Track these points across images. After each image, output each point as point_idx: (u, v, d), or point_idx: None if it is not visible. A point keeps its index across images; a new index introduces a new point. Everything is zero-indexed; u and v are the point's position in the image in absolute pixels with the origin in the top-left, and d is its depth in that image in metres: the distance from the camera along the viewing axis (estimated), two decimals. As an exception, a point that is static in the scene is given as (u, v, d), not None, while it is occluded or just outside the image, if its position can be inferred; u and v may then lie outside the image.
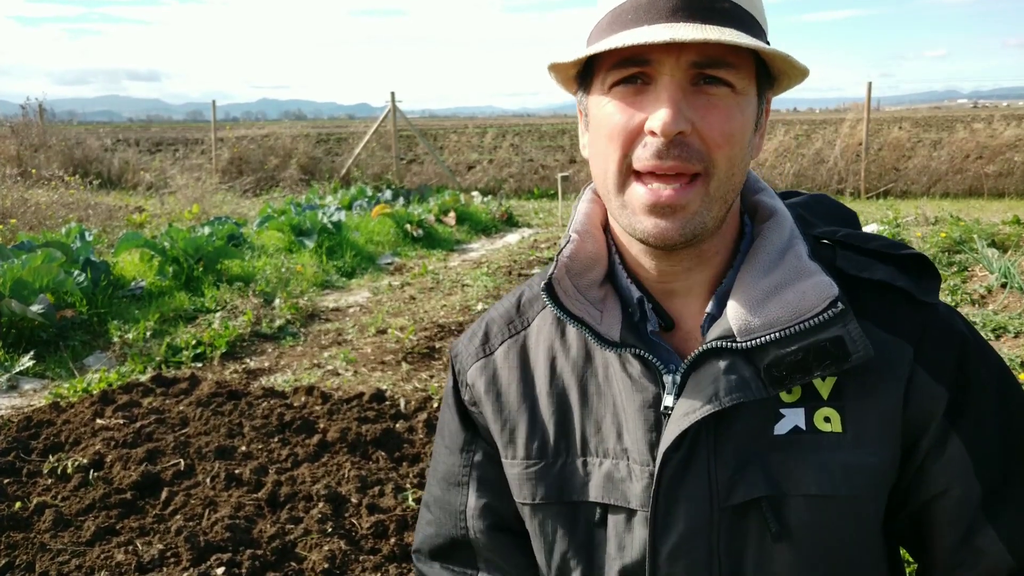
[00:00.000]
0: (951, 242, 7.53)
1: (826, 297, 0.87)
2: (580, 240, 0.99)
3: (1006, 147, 15.19)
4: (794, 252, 0.92)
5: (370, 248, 9.26)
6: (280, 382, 4.73)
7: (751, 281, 0.91)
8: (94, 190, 13.97)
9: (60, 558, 2.67)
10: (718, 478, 0.90)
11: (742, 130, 0.87)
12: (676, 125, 0.83)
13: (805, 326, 0.86)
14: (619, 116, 0.87)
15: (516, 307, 1.09)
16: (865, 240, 0.96)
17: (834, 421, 0.89)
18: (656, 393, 0.93)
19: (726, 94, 0.85)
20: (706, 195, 0.86)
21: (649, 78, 0.85)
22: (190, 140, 21.44)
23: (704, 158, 0.85)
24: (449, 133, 20.86)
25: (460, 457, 1.09)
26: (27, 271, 5.63)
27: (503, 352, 1.06)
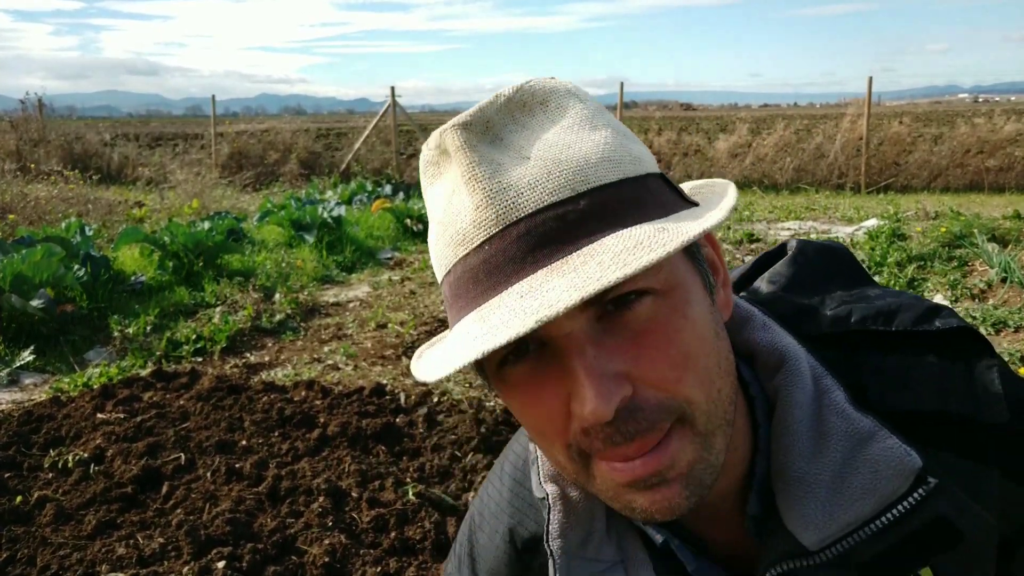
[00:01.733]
0: (951, 237, 7.53)
1: (908, 472, 0.67)
2: (561, 494, 0.77)
3: (1007, 142, 15.17)
4: (833, 409, 0.70)
5: (370, 243, 9.26)
6: (280, 376, 4.74)
7: (798, 469, 0.70)
8: (94, 185, 13.96)
9: (61, 552, 2.67)
10: None
11: (695, 336, 0.63)
12: (609, 403, 0.59)
13: (895, 515, 0.67)
14: (532, 409, 0.64)
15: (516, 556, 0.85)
16: (887, 319, 0.74)
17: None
18: None
19: (650, 307, 0.61)
20: (695, 436, 0.64)
21: (539, 341, 0.62)
22: (190, 135, 21.41)
23: (669, 407, 0.62)
24: (449, 128, 20.80)
25: None
26: (27, 266, 5.62)
27: None
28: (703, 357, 0.63)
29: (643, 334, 0.61)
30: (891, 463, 0.67)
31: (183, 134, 22.07)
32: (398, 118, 17.29)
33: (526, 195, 0.60)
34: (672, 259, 0.63)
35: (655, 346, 0.61)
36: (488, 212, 0.61)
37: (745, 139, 17.08)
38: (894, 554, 0.68)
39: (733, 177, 16.28)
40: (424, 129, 19.01)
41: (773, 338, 0.75)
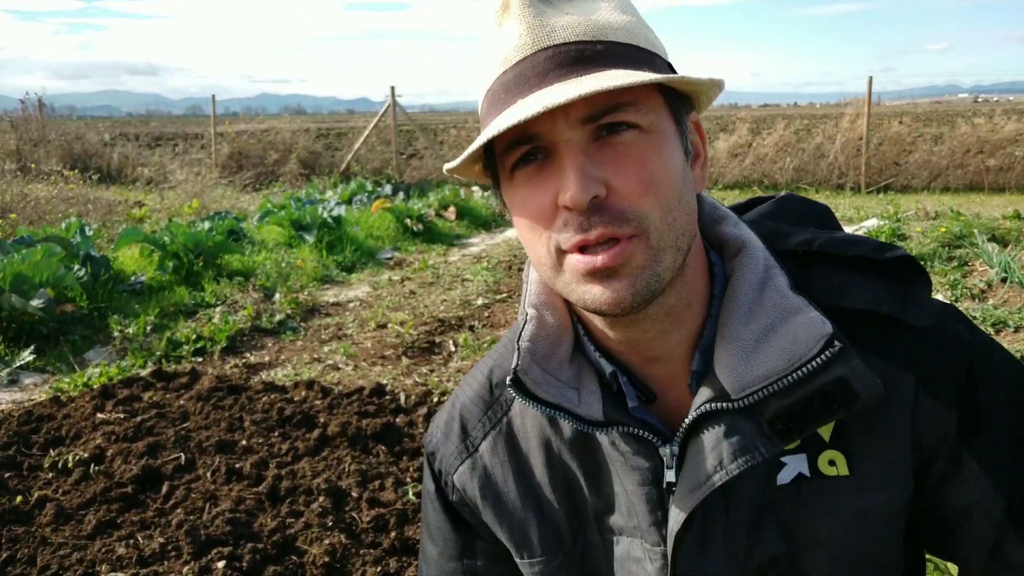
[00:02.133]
0: (951, 236, 7.53)
1: (820, 337, 0.79)
2: (538, 316, 0.90)
3: (1007, 142, 15.17)
4: (774, 287, 0.84)
5: (370, 243, 9.26)
6: (280, 376, 4.74)
7: (735, 329, 0.83)
8: (93, 185, 13.96)
9: (61, 552, 2.67)
10: (735, 546, 0.85)
11: (664, 170, 0.77)
12: (586, 193, 0.74)
13: (804, 372, 0.78)
14: (530, 200, 0.79)
15: (489, 390, 0.99)
16: (844, 246, 0.87)
17: (840, 464, 0.84)
18: (655, 467, 0.87)
19: (634, 138, 0.76)
20: (648, 247, 0.77)
21: (546, 150, 0.77)
22: (190, 135, 21.41)
23: (632, 215, 0.76)
24: (449, 128, 20.83)
25: (460, 564, 1.01)
26: (27, 266, 5.63)
27: (488, 446, 0.97)
28: (666, 188, 0.77)
29: (624, 156, 0.76)
30: (808, 330, 0.80)
31: (183, 134, 22.07)
32: (398, 118, 17.29)
33: (558, 32, 0.77)
34: (659, 112, 0.79)
35: (630, 166, 0.76)
36: (527, 39, 0.78)
37: (745, 139, 17.08)
38: (800, 409, 0.79)
39: (733, 177, 16.29)
40: (424, 129, 19.01)
41: (740, 233, 0.89)
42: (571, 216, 0.76)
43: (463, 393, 1.01)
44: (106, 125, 22.61)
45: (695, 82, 0.79)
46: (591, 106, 0.75)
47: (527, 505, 0.94)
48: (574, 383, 0.88)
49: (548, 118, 0.75)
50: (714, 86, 0.82)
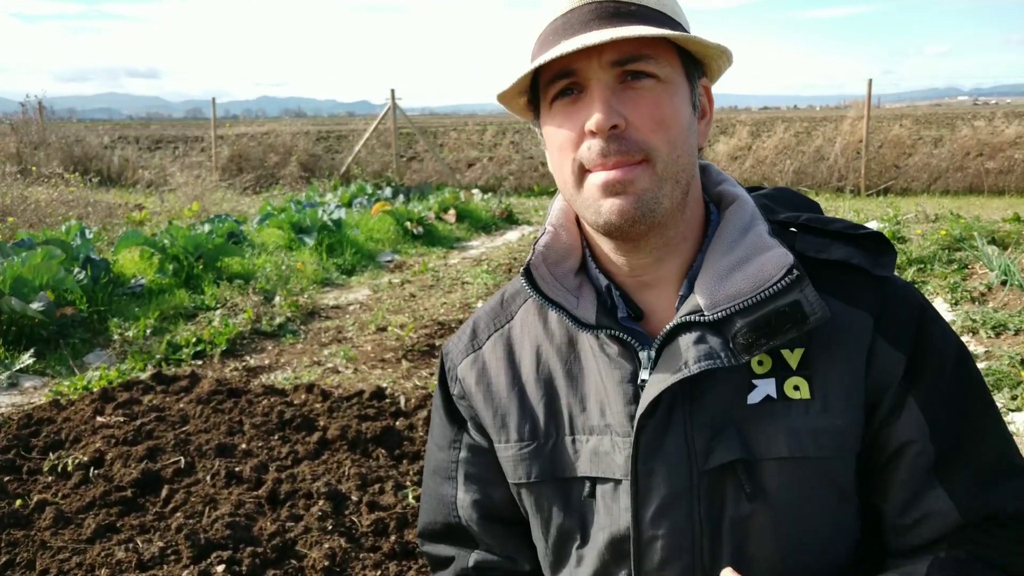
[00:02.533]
0: (951, 239, 7.53)
1: (783, 266, 0.94)
2: (555, 232, 1.07)
3: (1007, 144, 15.17)
4: (755, 231, 0.99)
5: (370, 246, 9.26)
6: (280, 380, 4.73)
7: (715, 259, 0.98)
8: (94, 188, 13.97)
9: (60, 556, 2.67)
10: (695, 444, 0.96)
11: (674, 114, 0.94)
12: (608, 120, 0.90)
13: (766, 294, 0.93)
14: (563, 126, 0.95)
15: (500, 303, 1.16)
16: (826, 223, 1.02)
17: (803, 389, 0.96)
18: (633, 369, 1.00)
19: (652, 85, 0.93)
20: (653, 174, 0.93)
21: (581, 87, 0.94)
22: (190, 138, 21.42)
23: (644, 146, 0.92)
24: (449, 130, 20.84)
25: (448, 452, 1.15)
26: (27, 269, 5.63)
27: (490, 345, 1.13)
28: (674, 129, 0.94)
29: (641, 98, 0.93)
30: (774, 261, 0.95)
31: (183, 137, 22.08)
32: (398, 121, 17.30)
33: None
34: (674, 68, 0.95)
35: (646, 107, 0.92)
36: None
37: (745, 141, 17.09)
38: (760, 326, 0.93)
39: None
40: (424, 132, 19.02)
41: (736, 191, 1.06)
42: (594, 142, 0.92)
43: (481, 309, 1.18)
44: (106, 128, 22.63)
45: (703, 43, 0.94)
46: (619, 52, 0.91)
47: (511, 396, 1.09)
48: (575, 292, 1.04)
49: (584, 58, 0.91)
50: (722, 54, 0.98)
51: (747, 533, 0.96)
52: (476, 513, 1.13)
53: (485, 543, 1.14)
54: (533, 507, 1.08)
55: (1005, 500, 0.95)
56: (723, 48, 0.96)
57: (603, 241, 1.02)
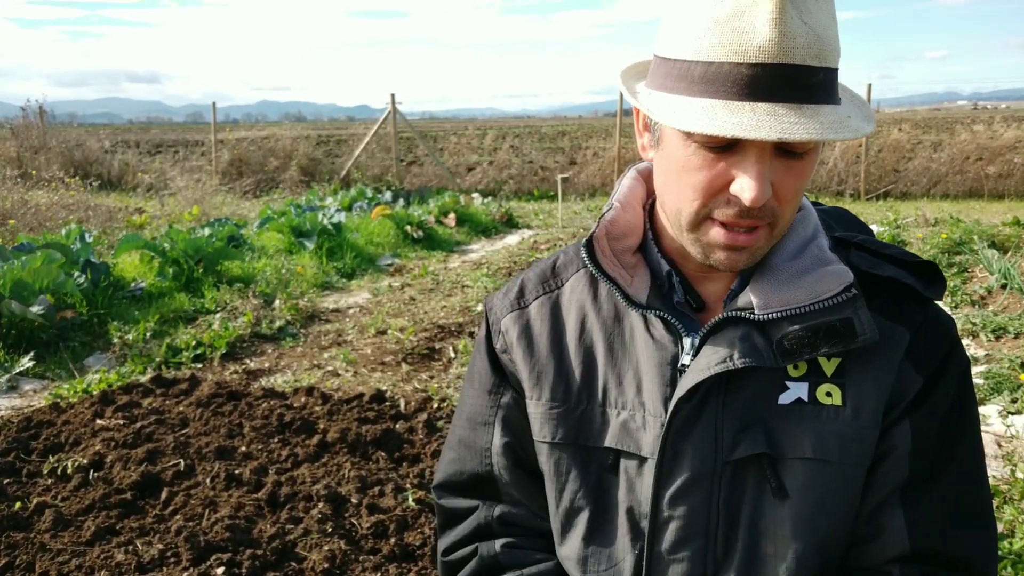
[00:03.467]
0: (951, 243, 7.54)
1: (842, 282, 0.94)
2: (621, 209, 1.06)
3: (1006, 148, 15.19)
4: (817, 244, 0.99)
5: (370, 249, 9.26)
6: (280, 383, 4.73)
7: (776, 264, 0.98)
8: (94, 192, 13.98)
9: (60, 558, 2.67)
10: (724, 433, 0.97)
11: (804, 188, 0.94)
12: (763, 199, 0.87)
13: (820, 306, 0.94)
14: (703, 172, 0.90)
15: (552, 268, 1.16)
16: (881, 246, 1.02)
17: (835, 395, 0.96)
18: (675, 353, 1.01)
19: (805, 162, 0.90)
20: (771, 237, 0.94)
21: (737, 141, 0.87)
22: (190, 142, 21.43)
23: (775, 213, 0.92)
24: (449, 135, 20.87)
25: (488, 398, 1.15)
26: (27, 272, 5.63)
27: (537, 306, 1.13)
28: (800, 195, 0.95)
29: (792, 172, 0.90)
30: (834, 276, 0.95)
31: (183, 141, 22.09)
32: (398, 125, 17.32)
33: (799, 50, 0.83)
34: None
35: (793, 180, 0.90)
36: (775, 47, 0.83)
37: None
38: (807, 335, 0.94)
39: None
40: (424, 136, 19.05)
41: (804, 200, 1.04)
42: (737, 202, 0.89)
43: (530, 271, 1.19)
44: (107, 132, 22.63)
45: (866, 133, 0.91)
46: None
47: (550, 357, 1.10)
48: (631, 271, 1.05)
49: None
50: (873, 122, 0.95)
51: (764, 528, 0.97)
52: (509, 461, 1.12)
53: (512, 496, 1.14)
54: (552, 469, 1.08)
55: (959, 545, 0.95)
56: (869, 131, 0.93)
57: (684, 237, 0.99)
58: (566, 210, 13.56)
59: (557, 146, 19.63)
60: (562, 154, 18.83)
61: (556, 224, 12.29)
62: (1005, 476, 3.30)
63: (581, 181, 17.03)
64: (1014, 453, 3.58)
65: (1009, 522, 2.88)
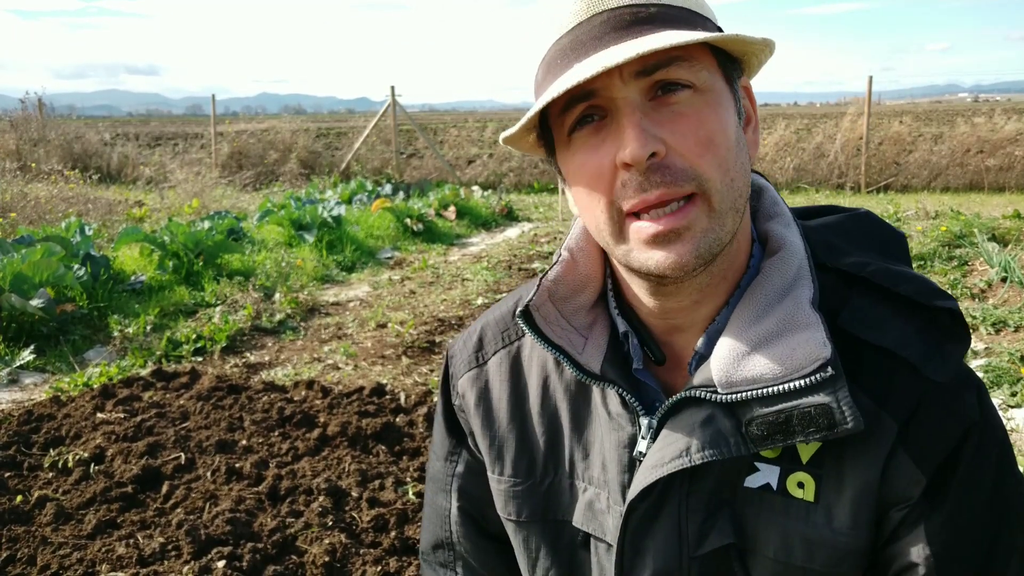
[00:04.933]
0: (951, 236, 7.53)
1: (816, 359, 0.78)
2: (571, 260, 0.94)
3: (1007, 141, 15.17)
4: (794, 297, 0.83)
5: (370, 242, 9.26)
6: (280, 376, 4.74)
7: (742, 326, 0.83)
8: (93, 184, 13.96)
9: (61, 551, 2.67)
10: (688, 528, 0.86)
11: (721, 129, 0.78)
12: (645, 149, 0.75)
13: (790, 387, 0.78)
14: (588, 163, 0.80)
15: (511, 314, 1.03)
16: (896, 281, 0.84)
17: (807, 488, 0.82)
18: (632, 434, 0.89)
19: (689, 97, 0.77)
20: (710, 210, 0.78)
21: (603, 110, 0.78)
22: (189, 134, 21.41)
23: (691, 174, 0.77)
24: (449, 127, 20.84)
25: (444, 465, 1.08)
26: (27, 265, 5.62)
27: (496, 363, 1.02)
28: (723, 147, 0.78)
29: (680, 116, 0.77)
30: (807, 348, 0.78)
31: (183, 133, 22.06)
32: (398, 117, 17.29)
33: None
34: (711, 72, 0.79)
35: (687, 124, 0.77)
36: (581, 4, 0.79)
37: (745, 138, 17.06)
38: (779, 422, 0.79)
39: (733, 176, 16.28)
40: (424, 128, 19.01)
41: (786, 234, 0.88)
42: (630, 176, 0.77)
43: (491, 313, 1.07)
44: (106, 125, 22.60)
45: (748, 41, 0.79)
46: (644, 60, 0.75)
47: (511, 426, 0.99)
48: (584, 332, 0.92)
49: (604, 76, 0.75)
50: (766, 47, 0.82)
51: None
52: (467, 528, 1.07)
53: (469, 565, 1.08)
54: (520, 545, 1.00)
55: None
56: (767, 41, 0.81)
57: (635, 281, 0.88)
58: (566, 202, 13.54)
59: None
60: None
61: (556, 217, 12.28)
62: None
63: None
64: (1014, 446, 3.59)
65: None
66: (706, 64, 0.79)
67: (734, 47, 0.81)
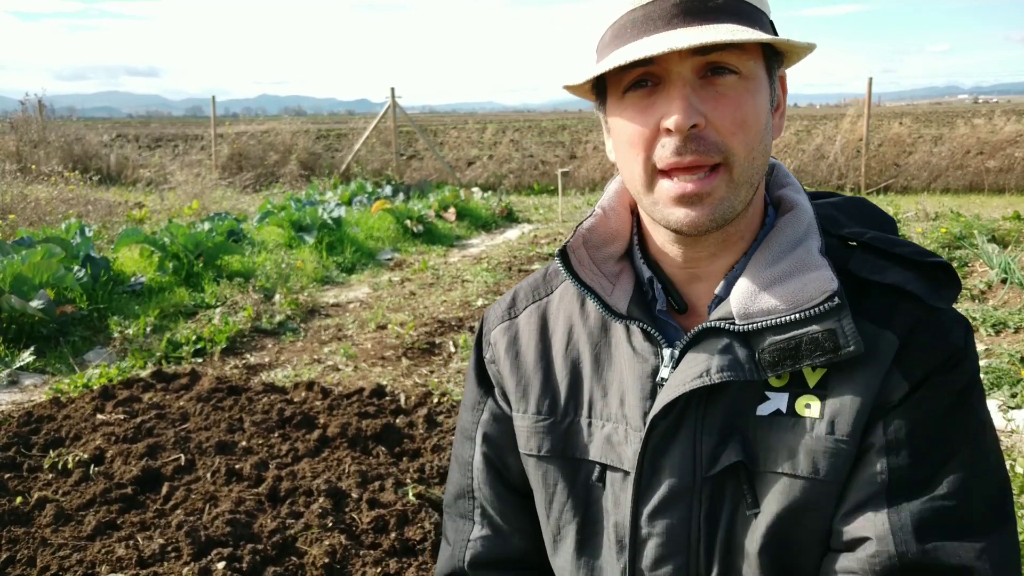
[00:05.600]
0: (951, 237, 7.53)
1: (825, 291, 0.89)
2: (604, 215, 1.05)
3: (1006, 143, 15.17)
4: (805, 246, 0.94)
5: (370, 244, 9.26)
6: (280, 377, 4.73)
7: (758, 269, 0.94)
8: (94, 186, 13.97)
9: (61, 552, 2.67)
10: (703, 448, 0.94)
11: (755, 114, 0.90)
12: (688, 120, 0.86)
13: (801, 316, 0.89)
14: (636, 121, 0.91)
15: (543, 276, 1.16)
16: (892, 244, 0.95)
17: (814, 408, 0.92)
18: (656, 365, 0.99)
19: (734, 82, 0.88)
20: (730, 181, 0.90)
21: (658, 78, 0.89)
22: (190, 136, 21.41)
23: (722, 148, 0.88)
24: (449, 129, 20.84)
25: (472, 414, 1.16)
26: (27, 267, 5.63)
27: (526, 316, 1.13)
28: (754, 130, 0.89)
29: (723, 96, 0.88)
30: (817, 283, 0.90)
31: (183, 135, 22.07)
32: (398, 119, 17.30)
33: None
34: (756, 62, 0.90)
35: (727, 105, 0.88)
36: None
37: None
38: (789, 347, 0.90)
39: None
40: (424, 130, 19.02)
41: (797, 198, 1.01)
42: (670, 140, 0.88)
43: (525, 281, 1.18)
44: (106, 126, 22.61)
45: (795, 45, 0.91)
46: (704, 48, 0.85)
47: (537, 369, 1.09)
48: (613, 279, 1.03)
49: (664, 53, 0.84)
50: (809, 48, 0.94)
51: (738, 542, 0.94)
52: (489, 475, 1.13)
53: (487, 514, 1.14)
54: (539, 481, 1.08)
55: (950, 553, 0.86)
56: (811, 45, 0.93)
57: (660, 232, 0.99)
58: (566, 204, 13.55)
59: (557, 140, 19.62)
60: (562, 148, 18.82)
61: (556, 218, 12.28)
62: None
63: (581, 175, 17.02)
64: (1014, 448, 3.58)
65: (1008, 517, 2.88)
66: (754, 55, 0.90)
67: (781, 45, 0.92)
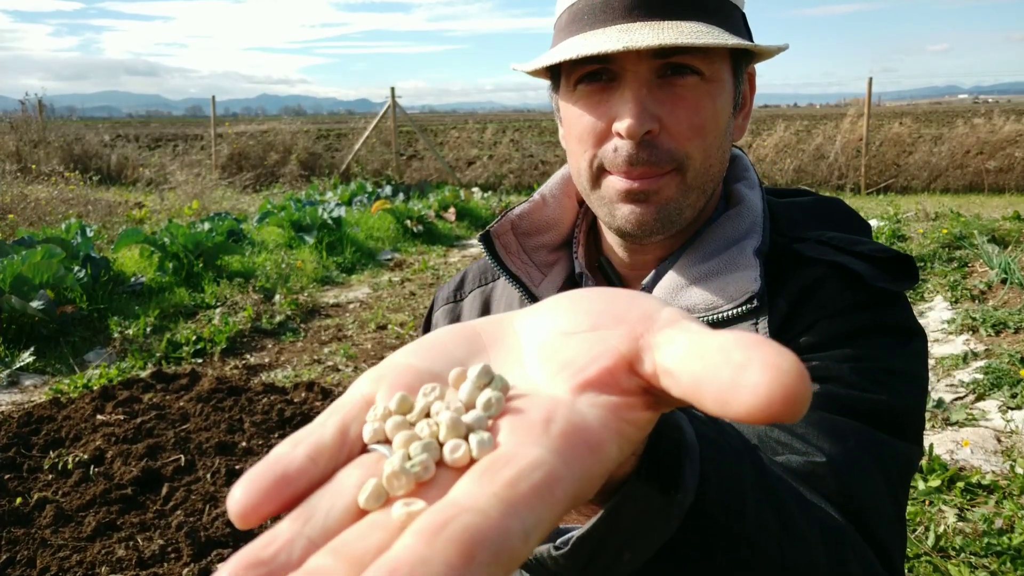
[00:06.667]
0: (951, 237, 7.53)
1: (746, 292, 0.84)
2: (542, 202, 1.01)
3: (1006, 142, 15.16)
4: (740, 246, 0.88)
5: (370, 244, 9.26)
6: (280, 378, 4.73)
7: (688, 264, 0.90)
8: (94, 186, 13.96)
9: (61, 553, 2.67)
10: None
11: (714, 119, 0.84)
12: (642, 127, 0.81)
13: (719, 317, 0.84)
14: (586, 117, 0.85)
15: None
16: (852, 244, 0.87)
17: None
18: None
19: (695, 83, 0.82)
20: (682, 184, 0.85)
21: (613, 74, 0.83)
22: (190, 136, 21.40)
23: (676, 155, 0.83)
24: (449, 129, 20.83)
25: None
26: (27, 267, 5.62)
27: (470, 300, 1.10)
28: (712, 135, 0.84)
29: (681, 99, 0.82)
30: (739, 284, 0.84)
31: (183, 135, 22.06)
32: (398, 119, 17.29)
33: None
34: (722, 64, 0.84)
35: (685, 110, 0.82)
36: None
37: (745, 140, 17.08)
38: None
39: (733, 178, 16.28)
40: (424, 130, 19.01)
41: (747, 194, 0.95)
42: (623, 144, 0.83)
43: (476, 263, 1.14)
44: (106, 126, 22.59)
45: (764, 50, 0.86)
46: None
47: None
48: (544, 269, 0.99)
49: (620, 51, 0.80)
50: (780, 49, 0.90)
51: None
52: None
53: None
54: None
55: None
56: (782, 48, 0.89)
57: (609, 234, 0.95)
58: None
59: (557, 140, 19.49)
60: (562, 148, 18.77)
61: (556, 218, 12.27)
62: (1005, 471, 3.31)
63: (581, 175, 17.01)
64: (1013, 448, 3.58)
65: (1008, 517, 2.88)
66: (719, 56, 0.84)
67: (749, 49, 0.86)
